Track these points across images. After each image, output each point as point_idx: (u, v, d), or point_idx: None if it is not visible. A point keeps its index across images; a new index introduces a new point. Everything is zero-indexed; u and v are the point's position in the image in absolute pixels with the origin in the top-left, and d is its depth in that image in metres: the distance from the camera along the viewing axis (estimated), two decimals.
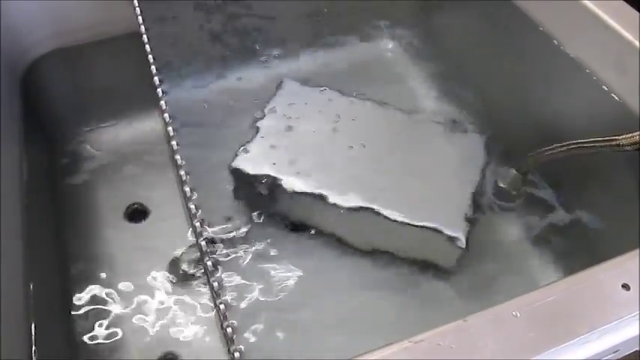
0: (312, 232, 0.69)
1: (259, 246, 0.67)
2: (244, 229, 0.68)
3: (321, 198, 0.64)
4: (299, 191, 0.64)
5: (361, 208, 0.63)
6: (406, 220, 0.62)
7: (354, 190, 0.64)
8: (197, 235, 0.53)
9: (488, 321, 0.40)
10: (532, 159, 0.67)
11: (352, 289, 0.66)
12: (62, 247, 0.72)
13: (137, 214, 0.76)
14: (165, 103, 0.59)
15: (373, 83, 0.86)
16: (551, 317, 0.40)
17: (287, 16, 0.87)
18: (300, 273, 0.66)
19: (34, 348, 0.54)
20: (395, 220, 0.62)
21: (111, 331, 0.65)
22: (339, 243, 0.68)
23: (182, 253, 0.71)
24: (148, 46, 0.63)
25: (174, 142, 0.57)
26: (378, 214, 0.63)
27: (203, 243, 0.52)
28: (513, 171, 0.71)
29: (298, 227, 0.69)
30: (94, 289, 0.68)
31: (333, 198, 0.64)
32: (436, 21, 0.92)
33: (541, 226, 0.70)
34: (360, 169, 0.67)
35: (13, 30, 0.75)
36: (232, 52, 0.85)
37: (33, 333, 0.55)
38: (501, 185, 0.71)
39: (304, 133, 0.70)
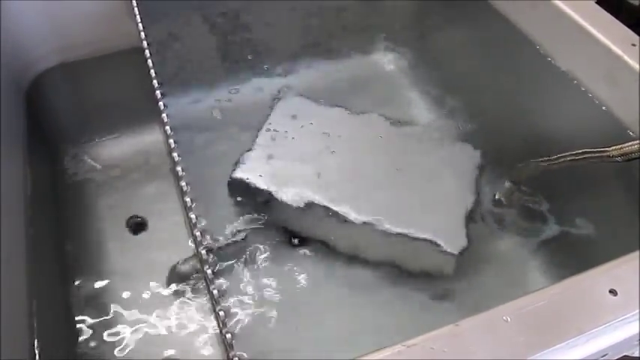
0: (310, 241, 0.70)
1: (258, 254, 0.68)
2: (243, 239, 0.69)
3: (318, 209, 0.65)
4: (296, 202, 0.65)
5: (358, 220, 0.64)
6: (403, 232, 0.63)
7: (351, 202, 0.65)
8: (197, 244, 0.54)
9: (479, 325, 0.41)
10: (525, 170, 0.68)
11: (350, 297, 0.67)
12: (65, 257, 0.73)
13: (139, 224, 0.77)
14: (167, 116, 0.60)
15: (371, 96, 0.87)
16: (540, 322, 0.41)
17: (288, 32, 0.89)
18: (298, 281, 0.67)
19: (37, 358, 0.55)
20: (392, 232, 0.63)
21: (113, 339, 0.66)
22: (336, 253, 0.69)
23: (183, 262, 0.72)
24: (150, 61, 0.64)
25: (175, 154, 0.58)
26: (375, 225, 0.64)
27: (203, 252, 0.53)
28: (507, 182, 0.72)
29: (296, 237, 0.70)
30: (96, 298, 0.69)
31: (329, 209, 0.65)
32: (433, 38, 0.93)
33: (534, 235, 0.71)
34: (356, 180, 0.68)
35: (17, 45, 0.76)
36: (233, 67, 0.87)
37: (36, 342, 0.56)
38: (495, 196, 0.73)
39: (302, 145, 0.71)
